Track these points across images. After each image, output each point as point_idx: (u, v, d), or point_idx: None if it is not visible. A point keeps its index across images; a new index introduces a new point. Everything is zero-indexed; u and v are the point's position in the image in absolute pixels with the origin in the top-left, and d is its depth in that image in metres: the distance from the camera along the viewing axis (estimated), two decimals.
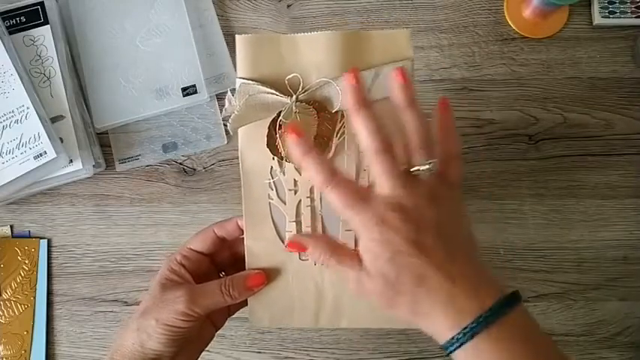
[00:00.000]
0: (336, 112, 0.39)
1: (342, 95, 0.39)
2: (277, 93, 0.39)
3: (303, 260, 0.41)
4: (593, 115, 0.61)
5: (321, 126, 0.39)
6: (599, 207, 0.60)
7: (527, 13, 0.61)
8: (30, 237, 0.61)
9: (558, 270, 0.59)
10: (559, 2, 0.57)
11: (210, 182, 0.61)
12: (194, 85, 0.61)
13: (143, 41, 0.61)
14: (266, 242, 0.41)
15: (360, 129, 0.34)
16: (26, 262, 0.60)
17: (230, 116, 0.39)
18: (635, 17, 0.61)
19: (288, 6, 0.63)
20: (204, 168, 0.61)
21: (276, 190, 0.41)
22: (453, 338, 0.31)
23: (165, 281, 0.40)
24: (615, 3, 0.61)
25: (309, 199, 0.41)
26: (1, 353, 0.58)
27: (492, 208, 0.60)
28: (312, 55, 0.39)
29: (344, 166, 0.41)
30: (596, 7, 0.61)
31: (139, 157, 0.61)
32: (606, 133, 0.61)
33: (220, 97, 0.62)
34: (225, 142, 0.61)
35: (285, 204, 0.41)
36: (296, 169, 0.41)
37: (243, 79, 0.39)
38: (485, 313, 0.31)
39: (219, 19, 0.62)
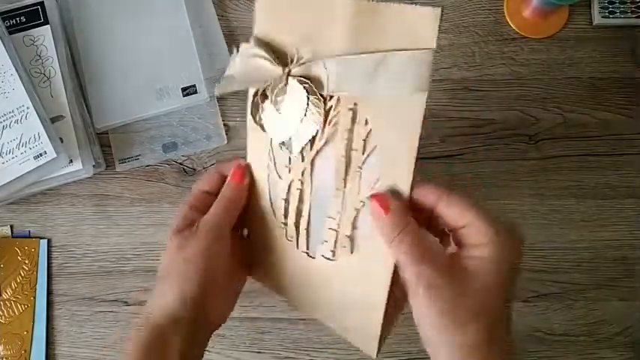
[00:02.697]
0: (327, 96, 0.34)
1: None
2: (272, 60, 0.34)
3: (289, 241, 0.40)
4: (593, 115, 0.61)
5: (311, 109, 0.35)
6: (599, 207, 0.60)
7: (527, 13, 0.61)
8: (30, 237, 0.61)
9: (558, 270, 0.59)
10: (559, 2, 0.57)
11: None
12: (194, 85, 0.61)
13: (143, 41, 0.61)
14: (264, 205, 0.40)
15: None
16: (26, 262, 0.60)
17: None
18: (635, 17, 0.61)
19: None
20: (204, 168, 0.61)
21: (274, 162, 0.39)
22: None
23: (180, 228, 0.40)
24: (615, 3, 0.61)
25: (299, 181, 0.38)
26: (1, 353, 0.58)
27: (492, 208, 0.60)
28: (320, 26, 0.33)
29: (335, 160, 0.36)
30: (596, 7, 0.61)
31: (139, 157, 0.61)
32: (606, 133, 0.61)
33: (220, 97, 0.62)
34: (225, 142, 0.61)
35: (280, 179, 0.39)
36: (279, 145, 0.38)
37: (256, 39, 0.35)
38: None
39: (219, 19, 0.62)
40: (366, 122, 0.34)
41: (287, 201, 0.39)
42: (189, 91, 0.60)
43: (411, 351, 0.59)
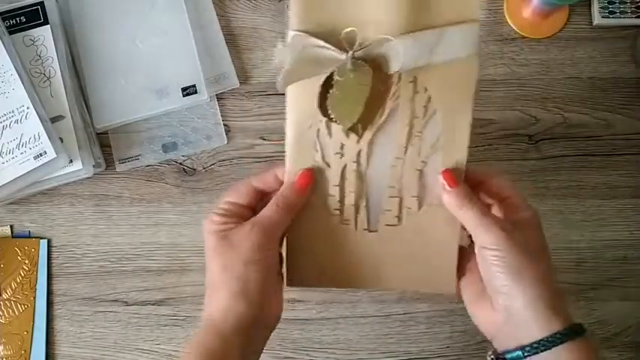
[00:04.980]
0: (392, 73, 0.37)
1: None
2: (332, 48, 0.36)
3: (344, 225, 0.41)
4: (593, 115, 0.61)
5: (375, 87, 0.37)
6: (599, 207, 0.60)
7: (527, 13, 0.61)
8: (30, 237, 0.61)
9: (558, 270, 0.59)
10: (559, 2, 0.57)
11: (210, 182, 0.61)
12: (194, 85, 0.61)
13: (143, 41, 0.61)
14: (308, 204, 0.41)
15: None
16: (26, 262, 0.60)
17: (281, 72, 0.37)
18: (635, 17, 0.61)
19: (288, 6, 0.63)
20: (204, 168, 0.61)
21: (322, 153, 0.39)
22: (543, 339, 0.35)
23: (223, 223, 0.39)
24: (615, 3, 0.61)
25: (355, 163, 0.40)
26: (1, 353, 0.58)
27: None
28: (372, 7, 0.36)
29: (396, 131, 0.39)
30: (596, 7, 0.61)
31: (139, 157, 0.61)
32: (606, 133, 0.61)
33: (220, 97, 0.62)
34: (225, 142, 0.61)
35: (329, 167, 0.40)
36: (344, 131, 0.39)
37: (296, 30, 0.37)
38: (570, 327, 0.35)
39: (219, 19, 0.62)
40: (426, 90, 0.38)
41: (342, 187, 0.40)
42: (189, 91, 0.61)
43: (411, 351, 0.59)
